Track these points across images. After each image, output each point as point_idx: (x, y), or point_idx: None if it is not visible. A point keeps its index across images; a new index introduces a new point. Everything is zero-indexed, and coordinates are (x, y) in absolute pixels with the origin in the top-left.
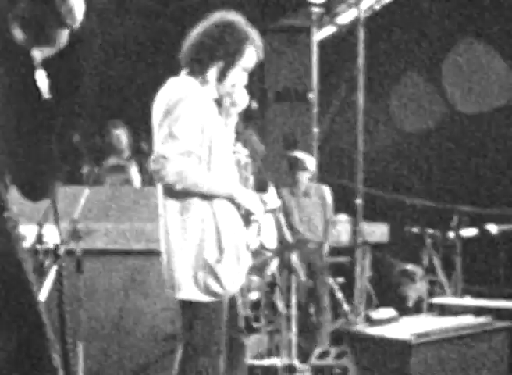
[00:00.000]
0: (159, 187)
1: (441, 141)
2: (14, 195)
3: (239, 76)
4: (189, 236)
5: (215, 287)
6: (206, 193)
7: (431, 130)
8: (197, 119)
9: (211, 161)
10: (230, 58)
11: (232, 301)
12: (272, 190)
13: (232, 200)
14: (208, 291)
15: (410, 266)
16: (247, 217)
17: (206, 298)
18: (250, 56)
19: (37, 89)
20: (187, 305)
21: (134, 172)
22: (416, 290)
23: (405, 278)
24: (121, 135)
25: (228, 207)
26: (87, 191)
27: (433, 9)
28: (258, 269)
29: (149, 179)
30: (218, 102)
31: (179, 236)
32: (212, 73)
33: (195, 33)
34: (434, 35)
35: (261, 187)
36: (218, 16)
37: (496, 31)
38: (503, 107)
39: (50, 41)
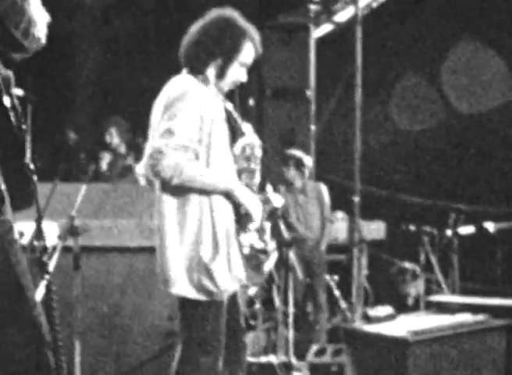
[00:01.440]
0: (157, 183)
1: (438, 139)
2: None
3: (238, 72)
4: (185, 233)
5: (208, 286)
6: (202, 188)
7: (428, 128)
8: (195, 115)
9: (209, 158)
10: (228, 55)
11: (234, 298)
12: (269, 188)
13: (229, 197)
14: (202, 289)
15: (407, 264)
16: (246, 217)
17: (200, 297)
18: (248, 52)
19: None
20: (184, 303)
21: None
22: (414, 288)
23: (403, 276)
24: (112, 132)
25: (225, 206)
26: (84, 187)
27: (430, 8)
28: (255, 265)
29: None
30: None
31: (176, 232)
32: (212, 70)
33: (193, 31)
34: (431, 33)
35: (259, 185)
36: (215, 13)
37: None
38: (501, 106)
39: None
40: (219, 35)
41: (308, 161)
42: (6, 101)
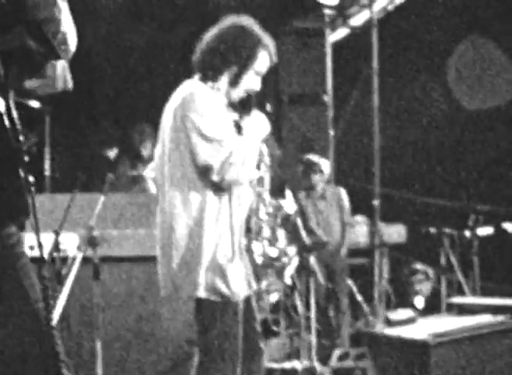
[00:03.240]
0: (163, 184)
1: (455, 140)
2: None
3: (252, 80)
4: (204, 234)
5: (221, 288)
6: (244, 166)
7: (446, 130)
8: (217, 114)
9: None
10: (243, 63)
11: (248, 303)
12: (288, 193)
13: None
14: (214, 291)
15: (419, 265)
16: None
17: (212, 297)
18: (263, 60)
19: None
20: (198, 304)
21: (150, 181)
22: (426, 289)
23: (415, 277)
24: (148, 146)
25: (240, 209)
26: (102, 197)
27: (442, 10)
28: (277, 271)
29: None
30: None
31: (193, 233)
32: (225, 78)
33: (207, 38)
34: (446, 35)
35: (278, 191)
36: (231, 20)
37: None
38: None
39: (39, 73)
40: (236, 43)
41: (326, 166)
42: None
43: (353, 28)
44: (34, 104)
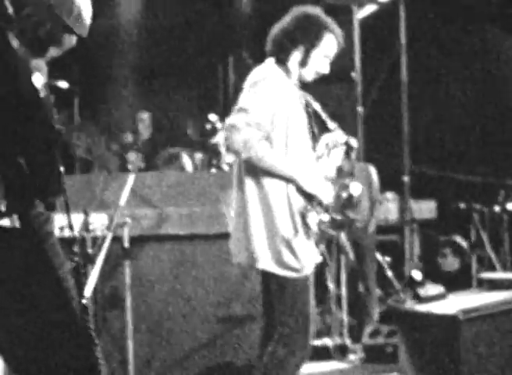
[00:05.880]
0: (236, 166)
1: (485, 115)
2: None
3: (320, 62)
4: (267, 212)
5: (290, 261)
6: (268, 168)
7: (475, 105)
8: (270, 99)
9: (288, 141)
10: (310, 42)
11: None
12: None
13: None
14: (284, 265)
15: (457, 238)
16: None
17: (284, 273)
18: (330, 43)
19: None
20: (270, 280)
21: (186, 159)
22: (457, 262)
23: (451, 248)
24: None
25: (299, 188)
26: (132, 177)
27: None
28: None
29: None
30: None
31: (258, 211)
32: (294, 58)
33: (277, 27)
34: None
35: None
36: (297, 10)
37: None
38: None
39: (56, 44)
40: (302, 24)
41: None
42: (37, 79)
43: (381, 4)
44: (63, 85)
